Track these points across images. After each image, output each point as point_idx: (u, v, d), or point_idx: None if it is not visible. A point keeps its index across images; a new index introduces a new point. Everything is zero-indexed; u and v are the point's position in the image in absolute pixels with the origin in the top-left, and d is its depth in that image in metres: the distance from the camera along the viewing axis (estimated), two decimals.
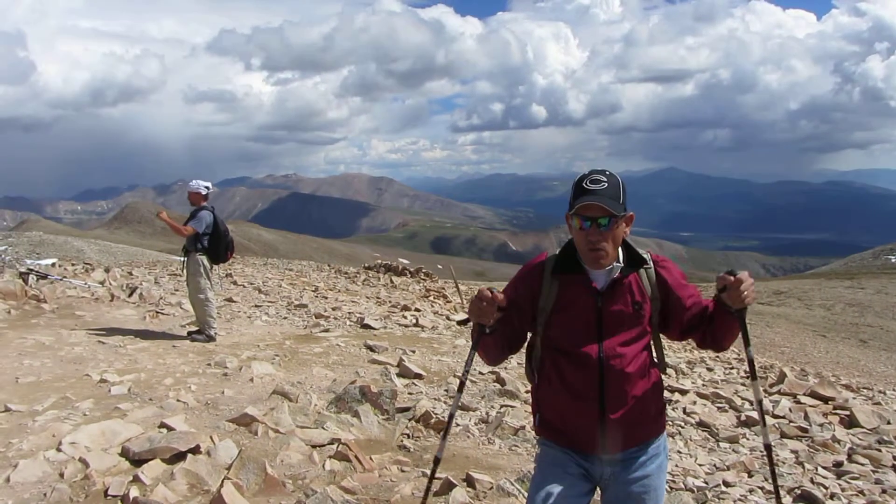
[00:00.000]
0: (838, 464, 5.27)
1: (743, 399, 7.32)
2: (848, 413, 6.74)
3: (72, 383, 5.87)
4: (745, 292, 2.21)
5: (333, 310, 11.66)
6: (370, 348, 8.12)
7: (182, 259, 8.39)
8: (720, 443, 5.73)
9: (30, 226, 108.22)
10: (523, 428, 5.31)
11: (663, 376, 2.53)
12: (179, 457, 4.08)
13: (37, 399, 5.31)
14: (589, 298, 2.34)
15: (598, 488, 2.44)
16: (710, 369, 9.35)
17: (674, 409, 6.55)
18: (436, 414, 5.41)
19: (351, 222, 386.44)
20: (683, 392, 7.36)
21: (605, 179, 2.26)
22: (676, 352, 9.97)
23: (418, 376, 6.84)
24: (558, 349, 2.38)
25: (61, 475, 3.84)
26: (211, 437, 4.42)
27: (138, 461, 4.05)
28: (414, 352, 8.14)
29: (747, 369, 10.75)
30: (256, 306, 11.52)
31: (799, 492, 4.51)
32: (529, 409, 5.03)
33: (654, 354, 2.49)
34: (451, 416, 2.61)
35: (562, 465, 2.39)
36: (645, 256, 2.40)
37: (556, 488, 2.32)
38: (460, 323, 2.61)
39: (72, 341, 7.57)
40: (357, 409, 5.14)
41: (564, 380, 2.36)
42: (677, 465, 4.95)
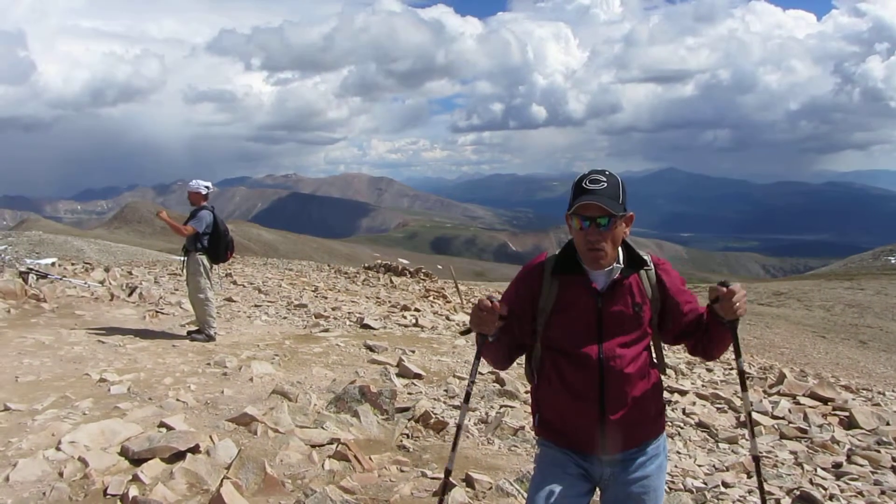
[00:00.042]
0: (837, 465, 5.28)
1: (742, 400, 7.32)
2: (847, 414, 6.75)
3: (71, 382, 5.87)
4: (737, 304, 2.23)
5: (333, 310, 11.66)
6: (370, 348, 8.12)
7: (182, 259, 8.40)
8: (719, 444, 5.74)
9: (29, 225, 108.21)
10: (523, 428, 5.31)
11: (663, 377, 2.52)
12: (179, 456, 4.08)
13: (36, 398, 5.31)
14: (589, 299, 2.33)
15: (597, 489, 2.44)
16: (709, 370, 9.35)
17: (673, 410, 6.55)
18: (435, 414, 5.40)
19: (351, 222, 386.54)
20: (683, 393, 7.36)
21: (605, 179, 2.26)
22: (676, 353, 9.98)
23: (418, 376, 6.84)
24: (558, 350, 2.38)
25: (60, 474, 3.84)
26: (210, 437, 4.43)
27: (138, 460, 4.05)
28: (413, 352, 8.14)
29: (747, 371, 10.76)
30: (256, 306, 11.52)
31: (798, 493, 4.51)
32: (529, 409, 5.03)
33: (654, 355, 2.49)
34: (459, 428, 2.58)
35: (561, 466, 2.39)
36: (645, 258, 2.40)
37: (555, 489, 2.32)
38: (462, 333, 2.61)
39: (71, 340, 7.57)
40: (356, 409, 5.14)
41: (564, 380, 2.36)
42: (676, 466, 4.95)
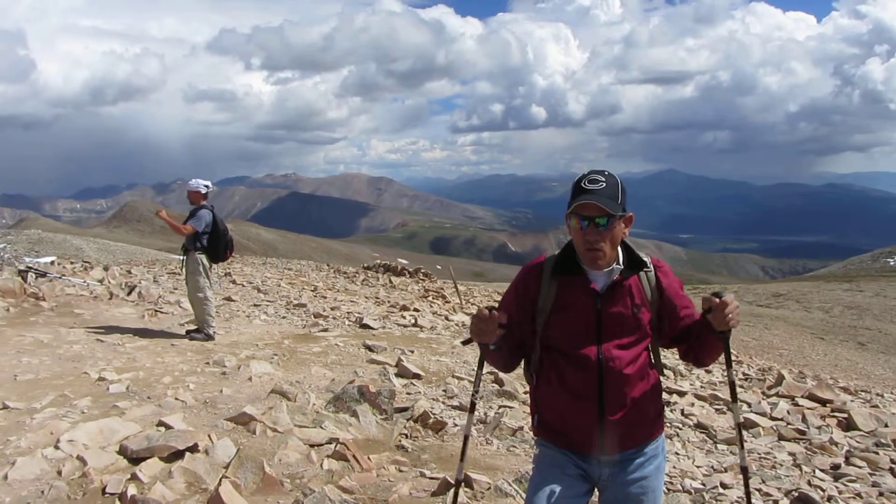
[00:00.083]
0: (836, 466, 5.28)
1: (741, 401, 7.33)
2: (846, 416, 6.76)
3: (70, 381, 5.87)
4: (730, 315, 2.24)
5: (332, 309, 11.66)
6: (369, 348, 8.12)
7: (181, 258, 8.39)
8: (718, 444, 5.74)
9: (29, 224, 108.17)
10: (521, 429, 5.32)
11: (661, 378, 2.53)
12: (177, 455, 4.08)
13: (35, 397, 5.31)
14: (588, 300, 2.33)
15: (596, 489, 2.44)
16: (708, 371, 9.35)
17: (672, 411, 6.55)
18: (434, 414, 5.41)
19: (350, 222, 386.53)
20: (682, 394, 7.37)
21: (604, 180, 2.26)
22: (675, 354, 10.00)
23: (417, 376, 6.84)
24: (557, 350, 2.38)
25: (59, 473, 3.84)
26: (209, 436, 4.42)
27: (136, 459, 4.05)
28: (412, 352, 8.14)
29: (746, 372, 10.77)
30: (255, 305, 11.52)
31: (796, 494, 4.51)
32: (528, 409, 5.03)
33: (653, 356, 2.49)
34: (467, 438, 2.58)
35: (560, 466, 2.39)
36: (645, 259, 2.40)
37: (554, 489, 2.32)
38: (464, 342, 2.62)
39: (70, 339, 7.57)
40: (355, 409, 5.14)
41: (563, 381, 2.36)
42: (675, 467, 4.96)
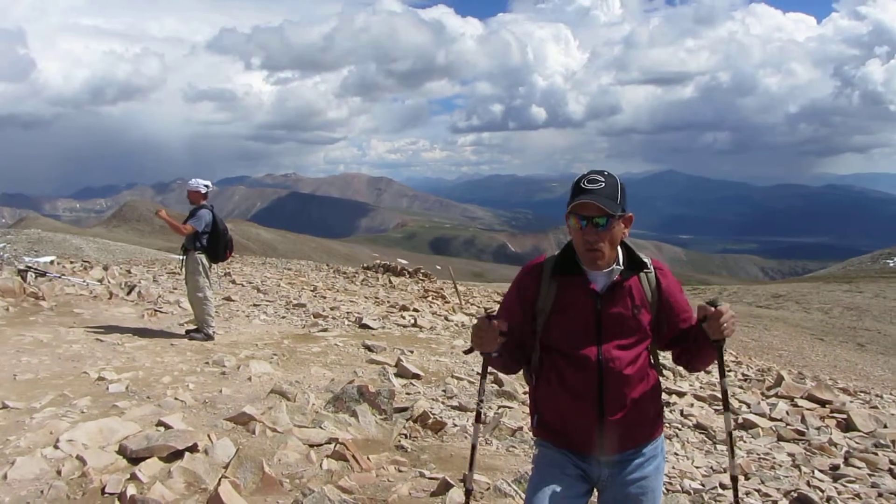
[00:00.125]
0: (835, 467, 5.29)
1: (740, 402, 7.33)
2: (845, 416, 6.76)
3: (70, 381, 5.86)
4: (725, 325, 2.24)
5: (332, 309, 11.66)
6: (368, 348, 8.12)
7: (181, 257, 8.39)
8: (717, 445, 5.74)
9: (28, 223, 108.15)
10: (521, 429, 5.32)
11: (661, 378, 2.53)
12: (177, 455, 4.08)
13: (34, 396, 5.31)
14: (588, 300, 2.33)
15: (595, 489, 2.44)
16: (707, 372, 9.36)
17: (671, 412, 6.56)
18: (433, 414, 5.41)
19: (350, 222, 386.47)
20: (681, 394, 7.37)
21: (603, 180, 2.26)
22: None
23: (416, 376, 6.84)
24: (557, 351, 2.38)
25: (59, 472, 3.83)
26: (209, 436, 4.42)
27: (136, 459, 4.05)
28: (412, 352, 8.15)
29: (745, 373, 10.77)
30: (255, 305, 11.52)
31: (795, 495, 4.52)
32: (527, 409, 5.03)
33: (652, 357, 2.49)
34: (474, 447, 2.58)
35: (559, 467, 2.39)
36: (645, 260, 2.39)
37: (553, 489, 2.32)
38: (465, 352, 2.62)
39: (70, 339, 7.56)
40: (355, 409, 5.14)
41: (563, 381, 2.36)
42: (674, 467, 4.96)
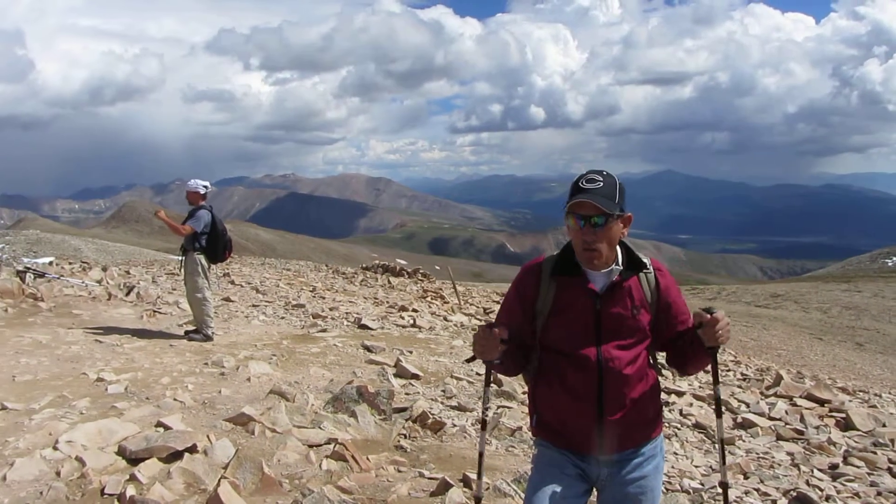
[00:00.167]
0: (834, 466, 5.30)
1: (739, 401, 7.34)
2: (844, 416, 6.77)
3: (69, 382, 5.86)
4: (720, 332, 2.25)
5: (331, 310, 11.66)
6: (367, 348, 8.12)
7: (180, 258, 8.39)
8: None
9: (27, 224, 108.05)
10: (520, 429, 5.33)
11: (660, 378, 2.53)
12: (176, 456, 4.08)
13: (33, 397, 5.30)
14: (587, 301, 2.33)
15: (594, 489, 2.44)
16: (706, 371, 9.36)
17: (670, 411, 6.56)
18: (432, 414, 5.41)
19: (349, 222, 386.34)
20: (680, 394, 7.38)
21: (601, 179, 2.26)
22: None
23: (415, 377, 6.85)
24: (557, 351, 2.38)
25: (58, 473, 3.83)
26: (208, 437, 4.42)
27: (135, 460, 4.04)
28: (411, 352, 8.15)
29: (744, 372, 10.78)
30: (254, 306, 11.52)
31: (794, 494, 4.52)
32: (526, 409, 5.04)
33: (651, 357, 2.49)
34: (482, 455, 2.57)
35: (559, 466, 2.39)
36: (645, 261, 2.39)
37: (553, 489, 2.32)
38: (467, 361, 2.62)
39: (69, 340, 7.56)
40: (354, 410, 5.14)
41: (563, 381, 2.36)
42: (673, 467, 4.97)
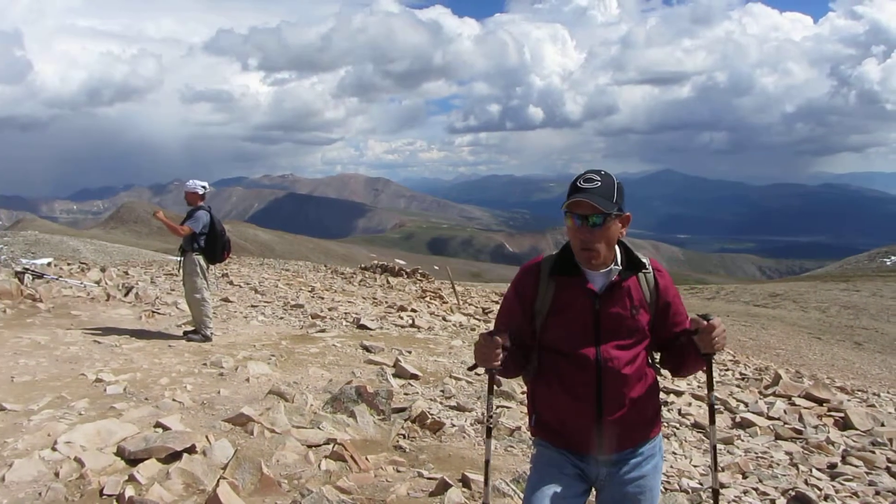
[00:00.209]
0: (832, 465, 5.30)
1: (738, 401, 7.34)
2: (842, 415, 6.78)
3: (67, 383, 5.86)
4: (716, 339, 2.26)
5: (330, 310, 11.65)
6: (366, 349, 8.12)
7: (179, 259, 8.39)
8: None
9: (25, 225, 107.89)
10: (519, 429, 5.33)
11: (659, 378, 2.53)
12: (175, 456, 4.08)
13: (32, 398, 5.30)
14: (586, 301, 2.33)
15: (593, 489, 2.45)
16: (705, 371, 9.37)
17: (669, 411, 6.56)
18: (431, 414, 5.41)
19: (347, 223, 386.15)
20: (679, 393, 7.38)
21: (599, 179, 2.26)
22: None
23: (414, 377, 6.84)
24: (556, 351, 2.38)
25: (56, 474, 3.83)
26: (207, 437, 4.42)
27: (134, 461, 4.04)
28: (410, 352, 8.15)
29: (743, 372, 10.79)
30: (253, 306, 11.51)
31: (793, 493, 4.53)
32: (525, 409, 5.04)
33: (650, 356, 2.49)
34: (488, 462, 2.55)
35: (558, 466, 2.39)
36: (644, 261, 2.39)
37: (552, 489, 2.33)
38: (469, 369, 2.62)
39: (67, 341, 7.55)
40: (353, 410, 5.14)
41: (562, 381, 2.36)
42: (672, 466, 4.97)
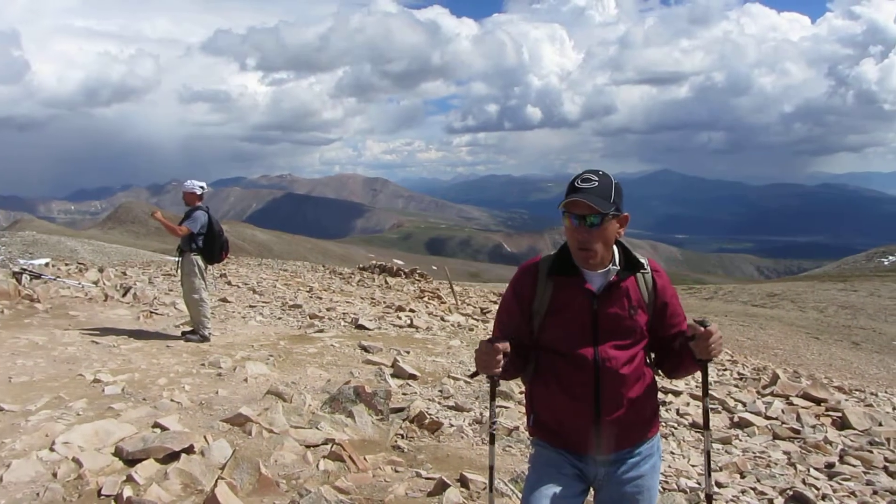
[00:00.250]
0: (830, 465, 5.31)
1: (736, 401, 7.35)
2: (840, 415, 6.79)
3: (65, 383, 5.85)
4: (713, 345, 2.24)
5: (328, 310, 11.65)
6: (364, 349, 8.12)
7: (177, 259, 8.38)
8: (713, 444, 5.76)
9: (23, 225, 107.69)
10: (517, 428, 5.33)
11: (657, 377, 2.53)
12: (173, 457, 4.07)
13: (30, 399, 5.29)
14: (584, 301, 2.33)
15: (591, 488, 2.45)
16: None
17: (667, 411, 6.57)
18: (430, 415, 5.41)
19: (346, 223, 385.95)
20: (677, 393, 7.38)
21: (597, 179, 2.26)
22: None
23: (412, 377, 6.84)
24: (554, 351, 2.38)
25: (54, 475, 3.83)
26: (205, 437, 4.42)
27: (132, 461, 4.04)
28: (408, 352, 8.15)
29: (741, 371, 10.80)
30: (251, 307, 11.50)
31: (791, 493, 4.53)
32: (523, 409, 5.04)
33: (648, 356, 2.49)
34: (492, 468, 2.55)
35: (556, 466, 2.39)
36: (642, 261, 2.39)
37: (550, 489, 2.33)
38: (470, 376, 2.62)
39: (65, 341, 7.54)
40: (351, 410, 5.14)
41: (560, 381, 2.37)
42: (670, 466, 4.97)
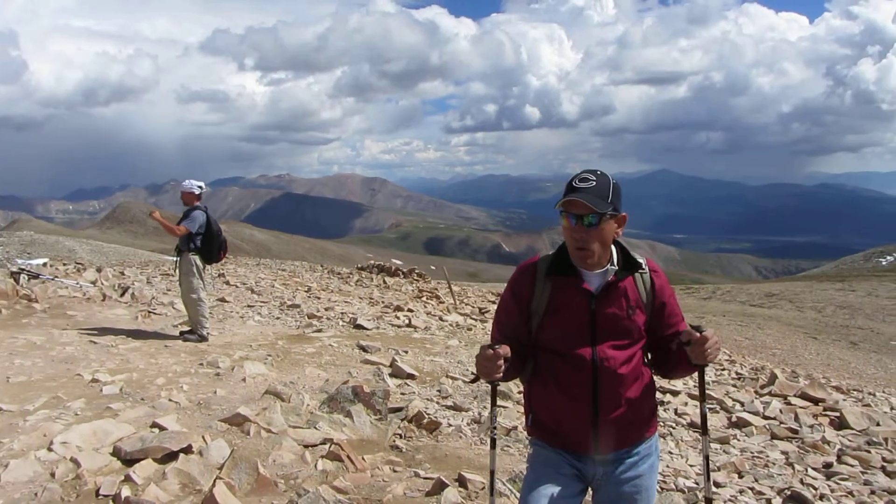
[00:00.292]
0: (828, 465, 5.32)
1: (734, 400, 7.35)
2: (838, 415, 6.80)
3: (63, 383, 5.85)
4: (709, 351, 2.24)
5: (326, 310, 11.64)
6: (363, 349, 8.12)
7: (175, 259, 8.38)
8: (711, 444, 5.76)
9: (21, 225, 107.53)
10: (515, 428, 5.33)
11: (655, 377, 2.53)
12: (171, 456, 4.07)
13: (28, 399, 5.29)
14: (582, 301, 2.34)
15: (590, 488, 2.45)
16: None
17: (665, 410, 6.57)
18: (428, 414, 5.41)
19: (344, 223, 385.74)
20: (675, 393, 7.38)
21: (595, 179, 2.26)
22: None
23: (411, 377, 6.84)
24: (552, 351, 2.38)
25: (52, 475, 3.82)
26: (203, 437, 4.41)
27: (130, 461, 4.04)
28: (406, 352, 8.15)
29: (738, 371, 10.81)
30: (249, 306, 11.50)
31: (789, 493, 4.54)
32: (522, 409, 5.05)
33: (646, 356, 2.50)
34: (493, 473, 2.54)
35: (554, 466, 2.39)
36: (641, 261, 2.40)
37: (548, 489, 2.33)
38: (471, 381, 2.61)
39: (63, 341, 7.53)
40: (349, 410, 5.14)
41: (558, 381, 2.37)
42: (668, 466, 4.98)
